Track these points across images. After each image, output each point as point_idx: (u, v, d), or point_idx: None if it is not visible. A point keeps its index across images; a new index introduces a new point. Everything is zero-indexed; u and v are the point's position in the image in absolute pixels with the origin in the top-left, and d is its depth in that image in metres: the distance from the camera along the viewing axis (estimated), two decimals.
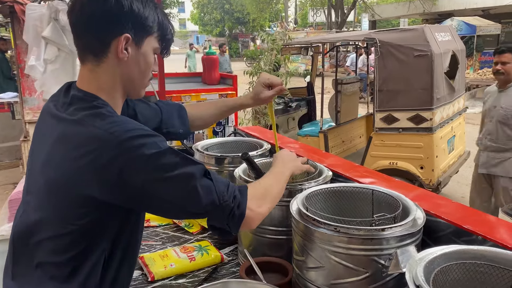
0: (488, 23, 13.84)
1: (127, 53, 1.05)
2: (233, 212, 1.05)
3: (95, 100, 1.03)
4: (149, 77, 1.15)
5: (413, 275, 0.96)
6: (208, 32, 37.92)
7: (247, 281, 1.34)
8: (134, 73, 1.09)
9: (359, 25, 31.17)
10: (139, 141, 0.96)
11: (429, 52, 4.27)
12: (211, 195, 1.02)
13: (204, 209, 1.03)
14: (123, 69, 1.07)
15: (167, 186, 0.99)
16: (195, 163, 1.04)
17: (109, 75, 1.07)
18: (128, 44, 1.05)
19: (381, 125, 4.60)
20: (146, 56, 1.10)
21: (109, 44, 1.04)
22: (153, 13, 1.09)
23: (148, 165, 0.96)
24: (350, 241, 1.17)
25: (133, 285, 1.57)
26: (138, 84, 1.13)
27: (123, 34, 1.03)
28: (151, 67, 1.14)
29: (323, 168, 1.70)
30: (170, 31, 1.15)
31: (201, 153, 2.08)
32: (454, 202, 1.50)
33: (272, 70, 5.08)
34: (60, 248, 1.00)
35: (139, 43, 1.07)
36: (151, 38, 1.10)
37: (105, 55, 1.05)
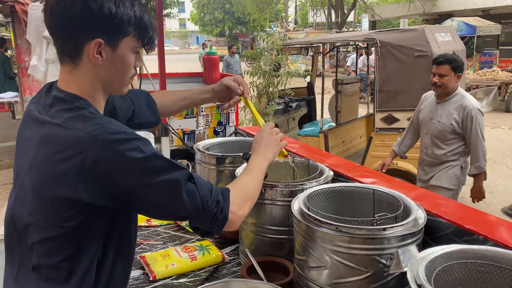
0: (488, 23, 13.85)
1: (100, 57, 1.02)
2: (216, 216, 1.06)
3: (76, 101, 1.02)
4: (130, 75, 1.11)
5: (415, 275, 0.96)
6: (208, 32, 37.92)
7: (249, 281, 1.35)
8: (111, 75, 1.07)
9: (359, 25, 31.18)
10: (123, 145, 0.95)
11: (429, 53, 4.27)
12: (195, 200, 1.03)
13: (188, 214, 1.04)
14: (99, 72, 1.05)
15: (151, 191, 0.99)
16: (180, 168, 1.03)
17: (86, 77, 1.05)
18: (101, 48, 1.01)
19: (381, 125, 4.61)
20: (124, 58, 1.06)
21: (82, 48, 1.01)
22: (129, 11, 1.03)
23: (132, 170, 0.96)
24: (351, 241, 1.17)
25: (134, 285, 1.58)
26: (118, 84, 1.11)
27: (94, 39, 1.00)
28: (130, 67, 1.09)
29: (324, 168, 1.71)
30: (150, 27, 1.08)
31: (202, 153, 2.09)
32: (455, 202, 1.51)
33: (273, 70, 5.08)
34: (52, 251, 1.00)
35: (114, 45, 1.03)
36: (128, 39, 1.04)
37: (80, 59, 1.03)
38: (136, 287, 1.57)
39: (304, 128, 5.85)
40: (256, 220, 1.63)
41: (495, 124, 9.45)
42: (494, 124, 9.41)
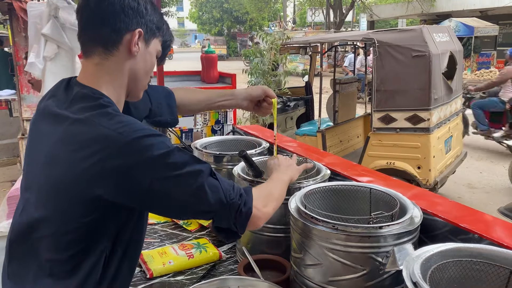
0: (486, 24, 13.89)
1: (138, 48, 1.07)
2: (240, 209, 1.06)
3: (100, 98, 1.03)
4: (148, 79, 1.17)
5: (410, 272, 0.97)
6: (206, 31, 37.89)
7: (245, 278, 1.35)
8: (140, 70, 1.11)
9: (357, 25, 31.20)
10: (147, 141, 0.96)
11: (427, 53, 4.28)
12: (218, 193, 1.03)
13: (212, 208, 1.04)
14: (130, 65, 1.08)
15: (176, 185, 1.00)
16: (202, 162, 1.05)
17: (117, 69, 1.07)
18: (139, 39, 1.07)
19: (378, 125, 4.61)
20: (152, 56, 1.13)
21: (122, 37, 1.05)
22: (161, 18, 1.15)
23: (157, 165, 0.97)
24: (348, 239, 1.18)
25: (132, 282, 1.58)
26: (141, 84, 1.15)
27: (137, 28, 1.06)
28: (153, 67, 1.16)
29: (321, 166, 1.72)
30: (170, 39, 1.21)
31: (199, 151, 2.09)
32: (451, 201, 1.52)
33: (271, 70, 5.09)
34: (61, 246, 1.00)
35: (148, 42, 1.10)
36: (156, 41, 1.14)
37: (117, 48, 1.06)
38: (133, 284, 1.57)
39: (302, 128, 5.86)
40: None
41: None
42: None
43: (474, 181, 6.06)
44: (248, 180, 1.61)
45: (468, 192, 5.65)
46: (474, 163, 6.79)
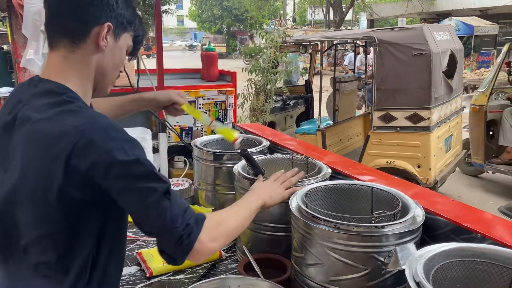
0: (486, 23, 13.86)
1: (106, 42, 1.04)
2: (182, 240, 0.97)
3: (64, 93, 0.99)
4: (117, 74, 1.14)
5: (413, 272, 0.96)
6: (206, 29, 37.83)
7: (246, 277, 1.34)
8: (108, 65, 1.08)
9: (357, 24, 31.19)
10: (108, 144, 0.93)
11: (427, 51, 4.27)
12: (163, 217, 0.96)
13: (153, 230, 0.99)
14: (98, 59, 1.06)
15: (126, 195, 0.96)
16: (159, 179, 0.98)
17: (84, 63, 1.04)
18: (108, 33, 1.04)
19: (379, 123, 4.61)
20: (121, 51, 1.11)
21: (90, 30, 1.02)
22: (133, 12, 1.12)
23: (112, 171, 0.93)
24: (349, 238, 1.17)
25: (131, 281, 1.57)
26: (109, 79, 1.11)
27: (106, 22, 1.03)
28: (122, 63, 1.13)
29: (322, 165, 1.70)
30: (143, 34, 1.18)
31: (199, 149, 2.08)
32: (453, 200, 1.51)
33: (271, 68, 5.07)
34: (47, 249, 0.98)
35: (118, 36, 1.08)
36: (127, 35, 1.11)
37: (83, 41, 1.02)
38: (133, 283, 1.56)
39: (302, 126, 5.85)
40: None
41: None
42: None
43: (474, 181, 6.06)
44: (248, 178, 1.60)
45: (468, 191, 5.65)
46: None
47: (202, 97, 2.50)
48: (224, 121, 2.61)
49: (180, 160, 2.58)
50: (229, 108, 2.59)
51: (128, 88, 2.29)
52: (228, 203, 2.07)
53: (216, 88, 2.55)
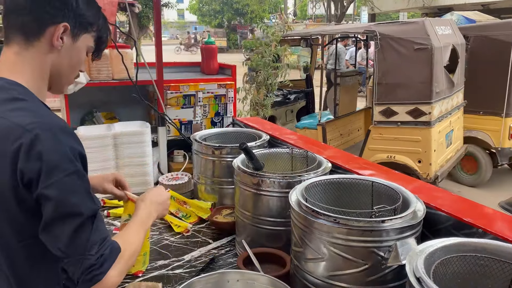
0: (487, 18, 13.76)
1: (62, 42, 1.02)
2: (92, 269, 0.92)
3: (15, 90, 0.97)
4: (76, 74, 1.12)
5: (414, 267, 0.95)
6: (206, 23, 37.67)
7: (245, 272, 1.33)
8: (64, 65, 1.06)
9: (358, 18, 31.05)
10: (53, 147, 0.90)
11: (429, 46, 4.24)
12: (80, 240, 0.91)
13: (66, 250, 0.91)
14: (53, 59, 1.03)
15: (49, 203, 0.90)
16: (91, 201, 0.95)
17: (38, 61, 1.02)
18: (65, 34, 1.02)
19: (379, 118, 4.59)
20: (79, 52, 1.08)
21: (45, 29, 1.00)
22: (96, 13, 1.10)
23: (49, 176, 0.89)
24: (349, 233, 1.15)
25: (129, 275, 1.57)
26: (65, 79, 1.09)
27: (63, 22, 1.01)
28: (81, 63, 1.11)
29: (322, 159, 1.69)
30: (106, 35, 1.15)
31: (199, 143, 2.07)
32: (454, 194, 1.49)
33: (272, 62, 5.04)
34: (30, 257, 0.97)
35: (76, 37, 1.05)
36: (87, 36, 1.09)
37: (38, 39, 1.00)
38: (132, 277, 1.56)
39: (302, 121, 5.83)
40: (253, 211, 1.62)
41: None
42: None
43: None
44: (248, 172, 1.59)
45: (468, 187, 5.64)
46: None
47: (202, 91, 2.48)
48: (224, 114, 2.59)
49: (179, 154, 2.57)
50: (229, 102, 2.57)
51: (127, 82, 2.28)
52: (227, 197, 2.06)
53: (216, 81, 2.53)
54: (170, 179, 2.31)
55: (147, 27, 12.33)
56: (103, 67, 2.25)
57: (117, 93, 2.56)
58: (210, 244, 1.81)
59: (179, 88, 2.42)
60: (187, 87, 2.44)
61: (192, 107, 2.49)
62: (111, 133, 2.15)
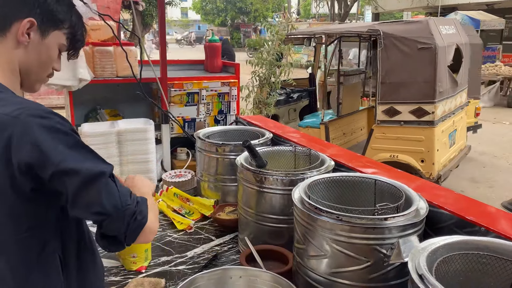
0: (492, 17, 13.73)
1: (28, 38, 1.00)
2: (135, 217, 0.96)
3: None
4: (48, 72, 1.10)
5: (416, 264, 0.95)
6: (210, 22, 37.66)
7: (248, 268, 1.34)
8: (32, 61, 1.04)
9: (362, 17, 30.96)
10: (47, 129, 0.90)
11: (433, 45, 4.23)
12: (113, 196, 0.94)
13: (105, 210, 0.93)
14: (20, 55, 1.02)
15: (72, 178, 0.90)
16: (105, 162, 0.97)
17: (5, 57, 1.01)
18: (31, 29, 1.00)
19: (382, 117, 4.59)
20: (49, 49, 1.06)
21: (11, 24, 0.99)
22: (67, 9, 1.07)
23: (53, 155, 0.89)
24: (352, 230, 1.16)
25: (133, 270, 1.58)
26: (35, 76, 1.08)
27: (28, 17, 0.99)
28: (52, 61, 1.08)
29: (325, 157, 1.70)
30: (81, 32, 1.12)
31: (202, 140, 2.07)
32: (457, 193, 1.50)
33: (275, 60, 5.04)
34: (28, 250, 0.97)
35: (44, 33, 1.03)
36: (58, 33, 1.06)
37: (4, 35, 0.99)
38: (135, 273, 1.57)
39: (305, 119, 5.82)
40: (255, 209, 1.62)
41: (496, 119, 9.42)
42: (495, 119, 9.38)
43: (477, 176, 6.03)
44: (251, 170, 1.60)
45: (471, 187, 5.63)
46: (477, 158, 6.76)
47: (205, 89, 2.48)
48: (227, 112, 2.59)
49: (182, 151, 2.57)
50: (232, 100, 2.58)
51: (131, 79, 2.28)
52: (230, 194, 2.07)
53: (219, 79, 2.53)
54: (173, 176, 2.32)
55: (150, 25, 12.37)
56: (107, 65, 2.25)
57: (121, 90, 2.57)
58: (213, 241, 1.82)
59: (183, 86, 2.42)
60: (191, 85, 2.45)
61: (195, 105, 2.50)
62: (115, 130, 2.16)
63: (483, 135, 7.78)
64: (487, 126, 8.77)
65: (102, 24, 2.26)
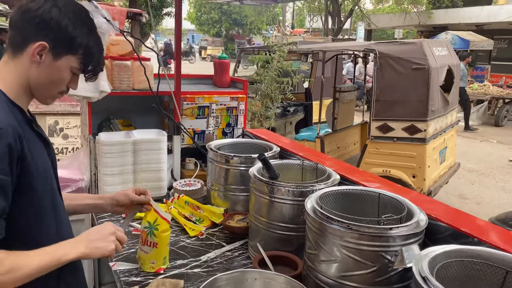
0: (481, 38, 14.14)
1: (39, 58, 1.15)
2: None
3: None
4: (58, 90, 1.23)
5: (419, 268, 1.09)
6: (204, 32, 37.93)
7: (263, 271, 1.46)
8: (42, 79, 1.17)
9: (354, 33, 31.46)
10: None
11: (426, 66, 4.43)
12: None
13: None
14: (32, 72, 1.16)
15: None
16: None
17: (19, 71, 1.16)
18: (44, 51, 1.15)
19: (376, 133, 4.76)
20: (60, 71, 1.19)
21: (27, 44, 1.14)
22: (83, 37, 1.19)
23: None
24: (360, 238, 1.30)
25: (151, 272, 1.69)
26: (44, 91, 1.21)
27: (41, 41, 1.14)
28: (63, 82, 1.21)
29: (331, 171, 1.84)
30: (96, 60, 1.24)
31: (214, 152, 2.20)
32: (451, 207, 1.65)
33: (277, 76, 5.21)
34: None
35: (57, 56, 1.17)
36: (71, 58, 1.19)
37: (21, 53, 1.15)
38: (154, 274, 1.68)
39: (301, 133, 5.99)
40: (267, 217, 1.75)
41: (484, 137, 9.69)
42: (483, 138, 9.65)
43: (466, 192, 6.23)
44: (264, 181, 1.73)
45: (459, 203, 5.82)
46: (466, 175, 6.97)
47: (215, 103, 2.62)
48: (234, 125, 2.74)
49: (191, 161, 2.70)
50: (240, 114, 2.72)
51: (147, 92, 2.42)
52: (239, 203, 2.20)
53: (228, 94, 2.68)
54: (183, 185, 2.44)
55: (148, 34, 12.58)
56: (124, 78, 2.39)
57: (133, 101, 2.70)
58: (224, 247, 1.95)
59: (195, 99, 2.56)
60: (202, 99, 2.58)
61: (205, 118, 2.63)
62: (131, 140, 2.28)
63: (471, 153, 8.02)
64: (475, 144, 9.03)
65: (121, 39, 2.40)
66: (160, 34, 38.31)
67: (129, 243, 1.92)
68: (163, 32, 32.92)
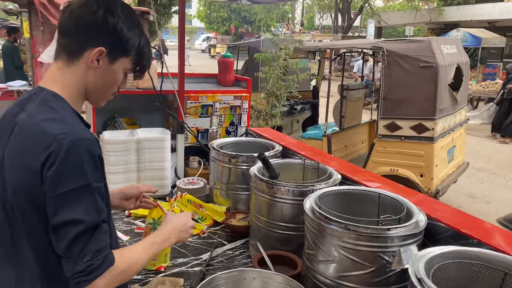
0: (493, 35, 13.94)
1: (97, 64, 1.14)
2: (79, 276, 1.01)
3: (53, 101, 1.10)
4: (113, 91, 1.23)
5: (415, 270, 1.08)
6: (214, 30, 38.00)
7: (262, 270, 1.47)
8: (99, 83, 1.17)
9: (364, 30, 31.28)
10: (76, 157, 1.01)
11: (434, 64, 4.38)
12: (75, 246, 1.01)
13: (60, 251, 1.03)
14: (89, 77, 1.15)
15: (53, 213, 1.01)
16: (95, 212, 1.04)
17: (75, 77, 1.15)
18: (101, 56, 1.14)
19: (384, 132, 4.72)
20: (115, 73, 1.18)
21: (84, 51, 1.13)
22: (136, 38, 1.19)
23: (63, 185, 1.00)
24: (358, 238, 1.29)
25: (153, 270, 1.70)
26: (100, 95, 1.21)
27: (99, 46, 1.12)
28: (117, 83, 1.22)
29: (332, 171, 1.83)
30: (147, 59, 1.25)
31: (216, 151, 2.21)
32: (453, 208, 1.63)
33: (283, 74, 5.20)
34: None
35: (113, 60, 1.16)
36: (125, 59, 1.18)
37: (77, 59, 1.13)
38: (155, 272, 1.69)
39: (308, 131, 5.97)
40: (267, 216, 1.75)
41: (495, 136, 9.56)
42: (494, 136, 9.53)
43: (475, 191, 6.16)
44: (264, 180, 1.73)
45: (468, 202, 5.76)
46: (476, 174, 6.90)
47: (219, 102, 2.63)
48: (238, 124, 2.74)
49: (194, 160, 2.71)
50: (243, 113, 2.72)
51: (151, 91, 2.43)
52: (241, 202, 2.21)
53: (232, 93, 2.68)
54: (186, 183, 2.45)
55: (156, 33, 12.66)
56: (129, 77, 2.40)
57: (138, 100, 2.72)
58: (225, 245, 1.95)
59: (198, 98, 2.57)
60: (206, 98, 2.59)
61: (209, 117, 2.64)
62: (135, 139, 2.30)
63: (482, 152, 7.93)
64: (485, 143, 8.93)
65: None
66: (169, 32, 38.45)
67: (131, 240, 1.95)
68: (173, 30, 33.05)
